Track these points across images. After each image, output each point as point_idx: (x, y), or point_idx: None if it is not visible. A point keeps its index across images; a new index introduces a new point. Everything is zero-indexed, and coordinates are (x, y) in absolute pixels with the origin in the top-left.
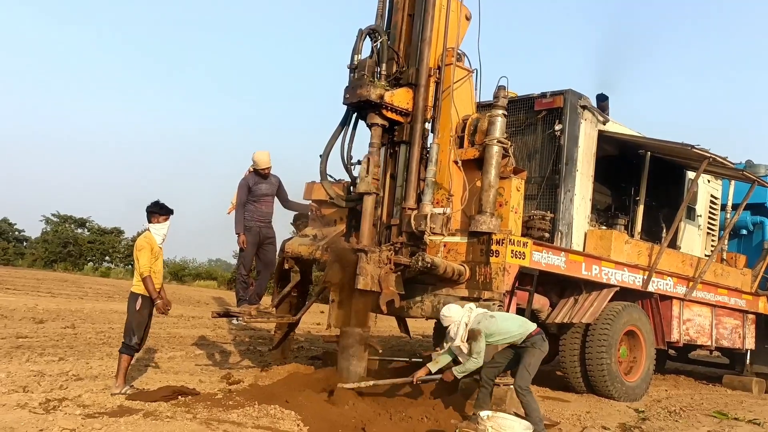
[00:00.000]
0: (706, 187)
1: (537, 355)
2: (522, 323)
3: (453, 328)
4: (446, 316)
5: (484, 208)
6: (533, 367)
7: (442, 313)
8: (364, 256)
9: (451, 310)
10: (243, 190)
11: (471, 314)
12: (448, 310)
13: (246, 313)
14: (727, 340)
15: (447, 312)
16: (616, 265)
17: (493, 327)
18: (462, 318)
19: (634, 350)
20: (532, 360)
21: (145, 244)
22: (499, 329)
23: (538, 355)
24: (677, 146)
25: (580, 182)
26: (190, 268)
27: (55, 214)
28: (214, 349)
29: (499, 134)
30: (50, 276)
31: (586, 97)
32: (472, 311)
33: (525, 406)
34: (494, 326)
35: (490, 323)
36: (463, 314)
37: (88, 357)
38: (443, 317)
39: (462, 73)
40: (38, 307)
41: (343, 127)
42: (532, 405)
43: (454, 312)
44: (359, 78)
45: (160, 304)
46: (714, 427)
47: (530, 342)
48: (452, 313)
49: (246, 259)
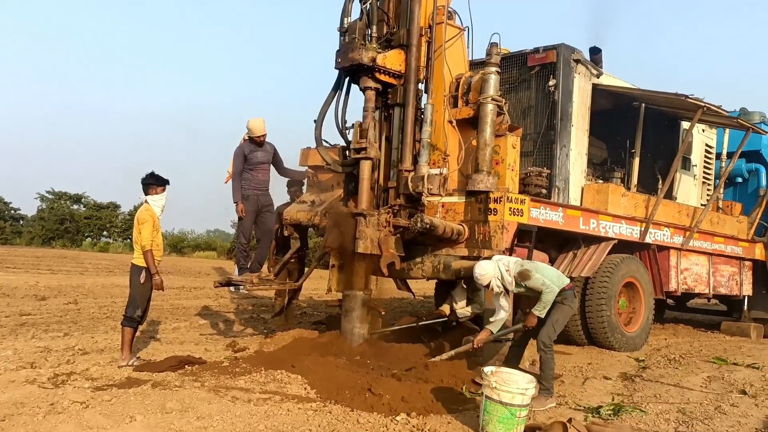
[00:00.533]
0: (700, 137)
1: (566, 312)
2: (559, 274)
3: (496, 282)
4: (481, 274)
5: (481, 166)
6: (560, 324)
7: (477, 274)
8: (363, 219)
9: (482, 267)
10: (239, 158)
11: (506, 261)
12: (480, 268)
13: (248, 282)
14: (724, 287)
15: (480, 270)
16: (613, 219)
17: (539, 267)
18: (499, 266)
19: (633, 301)
20: (560, 317)
21: (147, 217)
22: (542, 272)
23: (567, 312)
24: (671, 96)
25: (575, 137)
26: (189, 240)
27: (50, 191)
28: (217, 318)
29: (493, 92)
30: (49, 253)
31: (579, 51)
32: (502, 259)
33: (543, 362)
34: (537, 269)
35: (533, 265)
36: (496, 264)
37: (93, 331)
38: (479, 277)
39: (453, 32)
40: (39, 284)
41: (336, 91)
42: (550, 363)
43: (487, 267)
44: (350, 41)
45: (159, 281)
46: (713, 372)
47: (561, 297)
48: (486, 269)
49: (245, 227)
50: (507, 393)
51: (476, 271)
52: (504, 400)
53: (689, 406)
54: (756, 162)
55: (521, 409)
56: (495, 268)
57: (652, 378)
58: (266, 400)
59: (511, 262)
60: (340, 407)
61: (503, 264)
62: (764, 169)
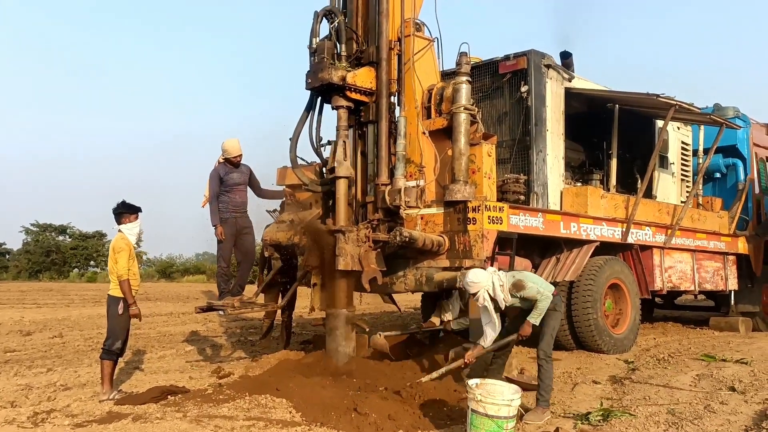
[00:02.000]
0: (676, 135)
1: (558, 318)
2: (545, 282)
3: (483, 294)
4: (473, 281)
5: (457, 176)
6: (556, 330)
7: (468, 279)
8: (342, 236)
9: (477, 275)
10: (215, 180)
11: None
12: (474, 275)
13: (229, 305)
14: (709, 283)
15: (473, 277)
16: (594, 221)
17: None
18: (493, 279)
19: (619, 302)
20: (555, 324)
21: (123, 245)
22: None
23: (559, 318)
24: (643, 97)
25: (551, 141)
26: (178, 264)
27: (35, 224)
28: (204, 344)
29: (465, 101)
30: (35, 287)
31: (549, 56)
32: (497, 272)
33: (543, 372)
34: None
35: (524, 275)
36: (490, 276)
37: (77, 365)
38: (470, 284)
39: (422, 43)
40: (24, 319)
41: (309, 111)
42: (550, 373)
43: (481, 276)
44: (319, 61)
45: (136, 311)
46: (702, 370)
47: (552, 303)
48: (480, 278)
49: (225, 251)
50: (492, 405)
51: (470, 277)
52: (490, 413)
53: (679, 407)
54: (733, 156)
55: (508, 420)
56: (489, 280)
57: (641, 379)
58: (250, 427)
59: (503, 276)
60: (326, 429)
61: (497, 278)
62: (741, 163)
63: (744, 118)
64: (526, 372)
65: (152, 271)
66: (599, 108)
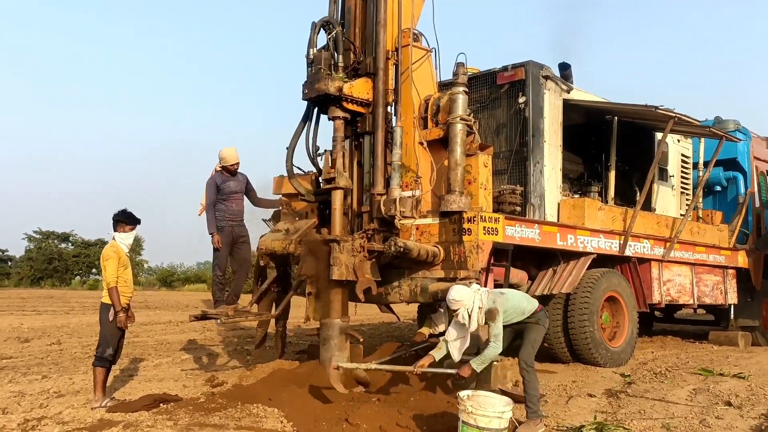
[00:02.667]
0: (676, 147)
1: (541, 331)
2: (528, 298)
3: (463, 312)
4: (455, 299)
5: (453, 187)
6: (538, 342)
7: (451, 297)
8: (337, 246)
9: (460, 293)
10: (211, 189)
11: (481, 294)
12: (457, 293)
13: (224, 314)
14: (709, 297)
15: (456, 295)
16: (591, 233)
17: (508, 304)
18: (474, 299)
19: (616, 315)
20: (537, 336)
21: (112, 253)
22: (513, 306)
23: (542, 331)
24: (641, 108)
25: (548, 153)
26: (179, 273)
27: (37, 231)
28: (201, 352)
29: (462, 111)
30: (36, 294)
31: (547, 67)
32: (480, 291)
33: (526, 383)
34: (508, 303)
35: (504, 300)
36: (473, 296)
37: (72, 372)
38: (452, 301)
39: (420, 54)
40: (23, 326)
41: (306, 122)
42: (534, 383)
43: (464, 294)
44: (316, 72)
45: (122, 318)
46: (699, 384)
47: (535, 318)
48: (462, 296)
49: (220, 259)
50: (483, 417)
51: (452, 294)
52: (480, 425)
53: (674, 421)
54: (733, 170)
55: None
56: (471, 299)
57: (637, 393)
58: None
59: (485, 296)
60: None
61: (479, 298)
62: (741, 177)
63: (744, 132)
64: (521, 384)
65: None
66: (598, 120)
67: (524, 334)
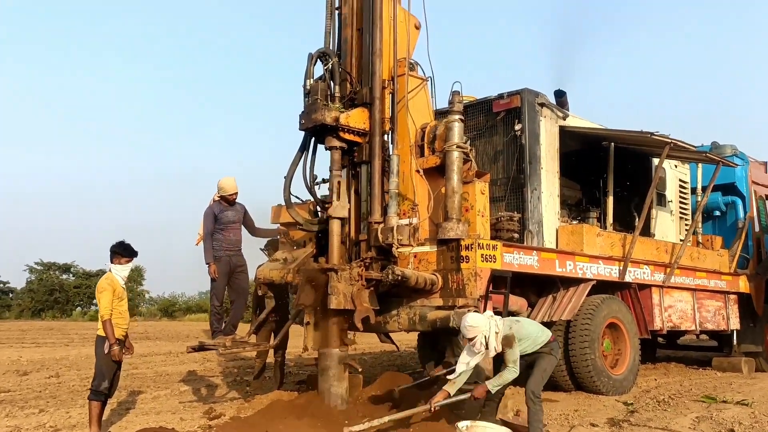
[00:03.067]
0: (673, 173)
1: (552, 361)
2: (542, 329)
3: (481, 339)
4: (472, 326)
5: (450, 214)
6: (548, 373)
7: (467, 324)
8: (335, 275)
9: (476, 320)
10: (209, 218)
11: (496, 320)
12: (473, 320)
13: (221, 345)
14: (711, 322)
15: (472, 322)
16: (590, 259)
17: (523, 332)
18: (490, 326)
19: (617, 342)
20: (548, 366)
21: (106, 285)
22: (527, 334)
23: (553, 362)
24: (637, 135)
25: (546, 179)
26: (180, 303)
27: (39, 262)
28: (200, 384)
29: (458, 139)
30: (36, 326)
31: (543, 94)
32: (494, 318)
33: (531, 414)
34: (524, 331)
35: (520, 328)
36: (489, 323)
37: (70, 406)
38: (468, 328)
39: (416, 83)
40: (22, 358)
41: (303, 152)
42: (539, 415)
43: (480, 321)
44: (313, 102)
45: (116, 351)
46: (702, 412)
47: (548, 347)
48: (479, 323)
49: (218, 289)
50: None
51: (468, 321)
52: None
53: None
54: (732, 194)
55: None
56: (487, 326)
57: (639, 422)
58: None
59: (500, 323)
60: None
61: (494, 324)
62: (740, 201)
63: (742, 156)
64: (522, 414)
65: (154, 309)
66: (595, 146)
67: (535, 364)
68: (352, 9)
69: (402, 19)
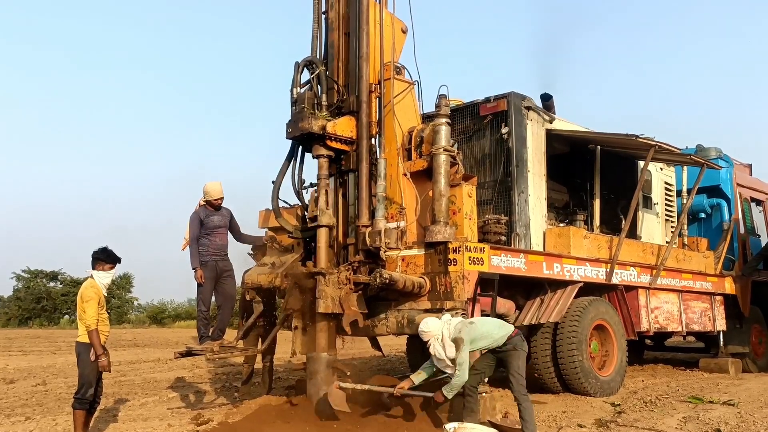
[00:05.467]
0: (659, 175)
1: (521, 357)
2: (501, 325)
3: (435, 343)
4: (424, 331)
5: (438, 217)
6: (522, 368)
7: (420, 329)
8: (322, 279)
9: (428, 325)
10: (195, 223)
11: (450, 325)
12: (425, 325)
13: (209, 350)
14: (697, 324)
15: (424, 327)
16: (577, 261)
17: (475, 332)
18: (442, 330)
19: (605, 344)
20: (518, 363)
21: (92, 294)
22: (482, 334)
23: (522, 357)
24: (622, 138)
25: (532, 182)
26: (169, 310)
27: (26, 270)
28: (189, 390)
29: (445, 143)
30: (23, 334)
31: (529, 98)
32: (450, 321)
33: (523, 411)
34: (476, 332)
35: (471, 329)
36: (441, 326)
37: (56, 413)
38: (421, 333)
39: (402, 86)
40: (9, 367)
41: (290, 160)
42: (530, 410)
43: (432, 325)
44: (300, 111)
45: (105, 362)
46: (689, 412)
47: (511, 344)
48: (430, 327)
49: (205, 294)
50: None
51: (421, 327)
52: None
53: None
54: (717, 197)
55: None
56: (439, 330)
57: (627, 423)
58: None
59: (453, 326)
60: None
61: (447, 329)
62: (725, 204)
63: (726, 159)
64: (510, 416)
65: (143, 317)
66: (581, 149)
67: (506, 365)
68: (338, 13)
69: (388, 23)
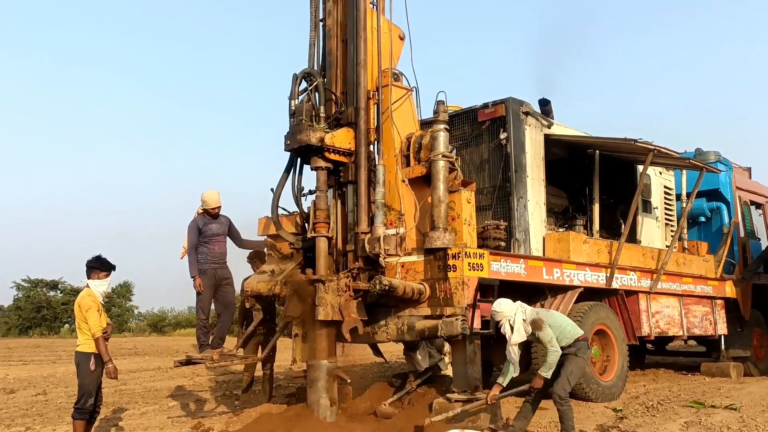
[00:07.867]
0: (658, 179)
1: (580, 363)
2: (574, 324)
3: (506, 324)
4: (497, 311)
5: (437, 223)
6: (575, 376)
7: (493, 308)
8: (322, 286)
9: (501, 305)
10: (193, 232)
11: (525, 309)
12: (498, 305)
13: (208, 359)
14: (698, 328)
15: (497, 306)
16: (577, 266)
17: (551, 320)
18: (516, 312)
19: (606, 349)
20: (574, 368)
21: (91, 303)
22: (557, 323)
23: (581, 364)
24: (621, 142)
25: (531, 187)
26: (170, 318)
27: (26, 279)
28: (189, 398)
29: (443, 149)
30: (23, 343)
31: (527, 103)
32: (524, 306)
33: (562, 415)
34: (552, 319)
35: (549, 315)
36: (515, 308)
37: (56, 423)
38: (494, 312)
39: (400, 93)
40: (9, 376)
41: (289, 173)
42: (568, 414)
43: (505, 306)
44: (298, 123)
45: (112, 368)
46: (691, 417)
47: (575, 347)
48: (503, 308)
49: (204, 303)
50: None
51: (494, 306)
52: None
53: None
54: (717, 200)
55: None
56: (513, 311)
57: (628, 428)
58: None
59: (528, 310)
60: None
61: (522, 311)
62: (725, 207)
63: (726, 162)
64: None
65: (144, 325)
66: (580, 154)
67: (562, 366)
68: (336, 21)
69: (386, 30)
